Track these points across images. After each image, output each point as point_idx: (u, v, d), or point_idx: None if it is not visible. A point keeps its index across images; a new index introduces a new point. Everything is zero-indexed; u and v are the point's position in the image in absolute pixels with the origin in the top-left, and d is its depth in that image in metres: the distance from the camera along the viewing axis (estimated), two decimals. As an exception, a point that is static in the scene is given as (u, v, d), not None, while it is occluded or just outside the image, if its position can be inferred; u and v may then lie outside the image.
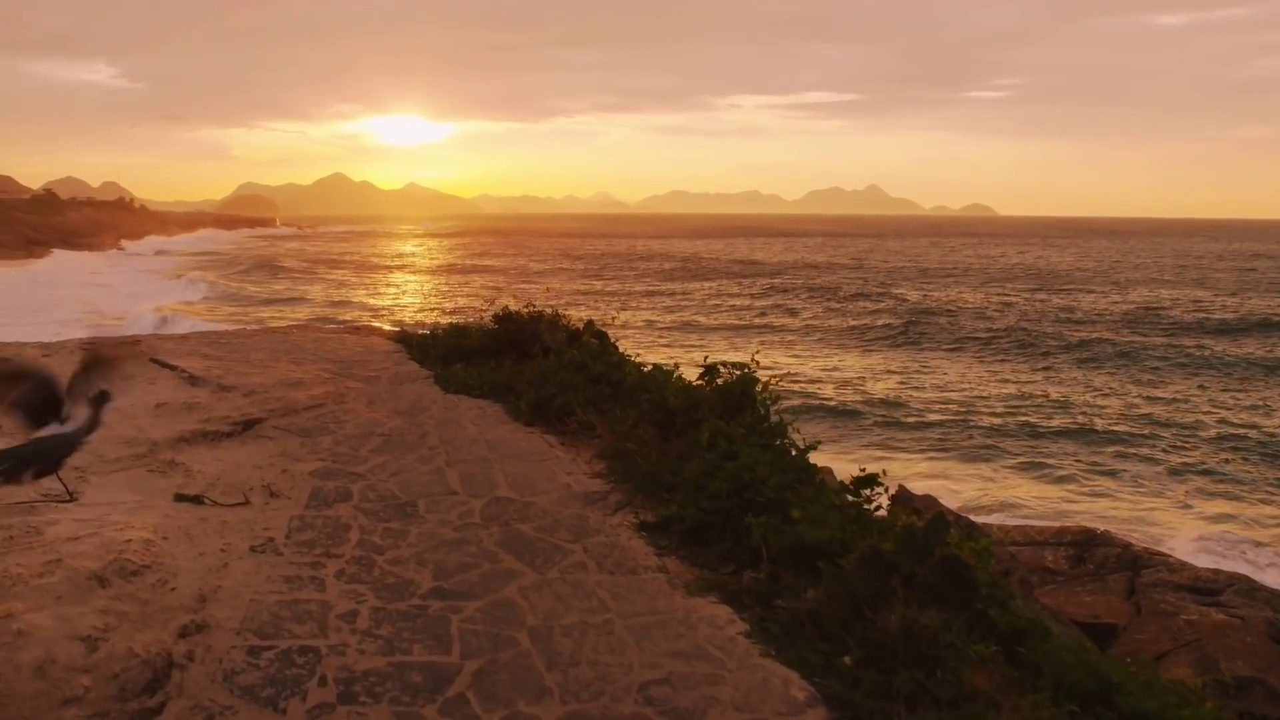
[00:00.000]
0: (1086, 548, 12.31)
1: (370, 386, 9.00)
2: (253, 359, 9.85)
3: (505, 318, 10.07)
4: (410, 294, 63.18)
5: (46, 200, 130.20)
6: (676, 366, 8.17)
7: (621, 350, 9.90)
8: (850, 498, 6.09)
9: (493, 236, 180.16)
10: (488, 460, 7.03)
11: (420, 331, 12.06)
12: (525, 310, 10.06)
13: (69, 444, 4.97)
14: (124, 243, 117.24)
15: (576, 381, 8.01)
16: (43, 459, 4.91)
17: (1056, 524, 14.76)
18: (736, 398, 7.11)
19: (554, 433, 7.68)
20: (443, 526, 5.84)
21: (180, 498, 6.00)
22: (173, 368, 9.07)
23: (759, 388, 7.14)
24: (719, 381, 7.39)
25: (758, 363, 7.51)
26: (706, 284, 71.13)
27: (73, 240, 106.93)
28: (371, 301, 59.02)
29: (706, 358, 7.61)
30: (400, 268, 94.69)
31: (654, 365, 8.32)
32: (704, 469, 6.17)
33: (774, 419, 7.11)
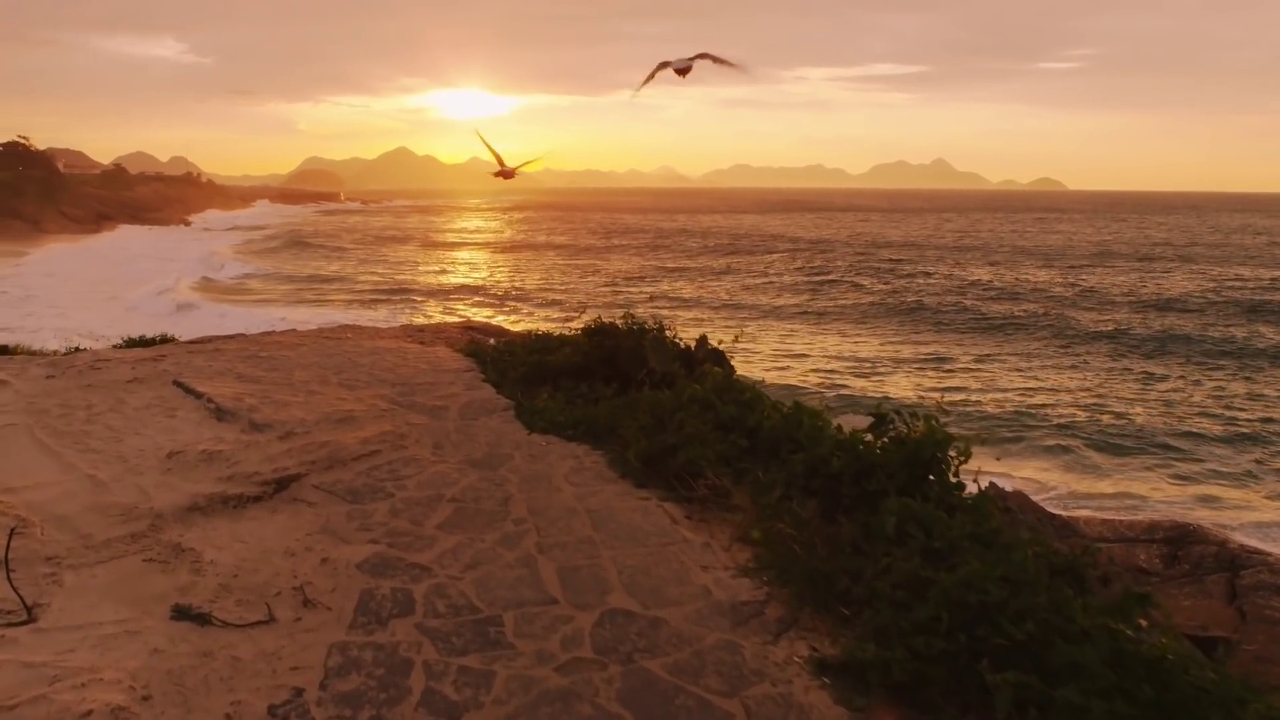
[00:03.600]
0: (1180, 545, 11.04)
1: (437, 421, 7.27)
2: (295, 380, 8.19)
3: (598, 331, 8.25)
4: (477, 277, 61.59)
5: (116, 175, 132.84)
6: (827, 408, 6.29)
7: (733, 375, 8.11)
8: (1111, 621, 4.21)
9: (557, 211, 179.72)
10: (593, 543, 5.26)
11: (494, 341, 10.31)
12: (623, 322, 8.21)
13: None
14: (190, 217, 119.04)
15: (703, 430, 6.11)
16: None
17: (1146, 517, 13.49)
18: (924, 464, 5.27)
19: (675, 499, 5.85)
20: (540, 664, 4.09)
21: (180, 613, 4.34)
22: (198, 394, 7.44)
23: (954, 451, 5.28)
24: (892, 434, 5.56)
25: (945, 410, 5.63)
26: (770, 256, 69.90)
27: (141, 215, 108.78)
28: (436, 282, 57.82)
29: (879, 405, 5.72)
30: (465, 244, 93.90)
31: (795, 403, 6.40)
32: (904, 579, 4.36)
33: (968, 488, 5.30)
